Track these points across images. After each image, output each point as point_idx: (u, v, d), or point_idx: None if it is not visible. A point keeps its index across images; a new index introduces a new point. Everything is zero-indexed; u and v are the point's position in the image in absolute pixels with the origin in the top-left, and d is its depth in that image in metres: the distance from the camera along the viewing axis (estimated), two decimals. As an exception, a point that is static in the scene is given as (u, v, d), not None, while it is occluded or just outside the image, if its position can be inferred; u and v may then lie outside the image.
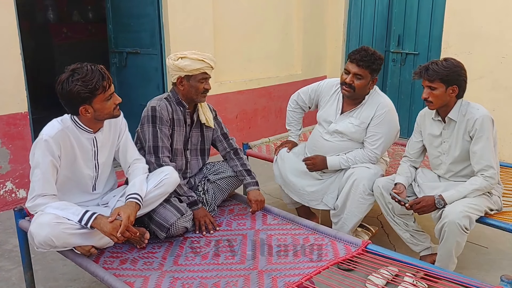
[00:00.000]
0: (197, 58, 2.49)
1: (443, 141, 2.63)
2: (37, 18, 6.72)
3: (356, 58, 2.78)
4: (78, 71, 2.06)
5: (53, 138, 2.11)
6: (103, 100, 2.12)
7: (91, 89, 2.06)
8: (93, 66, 2.10)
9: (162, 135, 2.52)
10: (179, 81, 2.56)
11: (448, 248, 2.45)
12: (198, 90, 2.56)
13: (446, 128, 2.61)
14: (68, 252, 2.18)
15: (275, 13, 5.50)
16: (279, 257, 2.20)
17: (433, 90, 2.48)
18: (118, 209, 2.14)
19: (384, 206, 2.74)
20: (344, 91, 2.88)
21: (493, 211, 2.56)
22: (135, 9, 4.55)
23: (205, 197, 2.68)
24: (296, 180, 3.08)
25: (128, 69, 4.73)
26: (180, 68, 2.50)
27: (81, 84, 2.04)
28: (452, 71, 2.46)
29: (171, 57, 2.55)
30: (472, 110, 2.51)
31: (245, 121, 5.38)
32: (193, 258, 2.22)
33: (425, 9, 5.20)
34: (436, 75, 2.45)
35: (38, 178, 2.11)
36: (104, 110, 2.15)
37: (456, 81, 2.47)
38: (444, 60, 2.50)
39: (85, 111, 2.12)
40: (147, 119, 2.53)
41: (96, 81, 2.06)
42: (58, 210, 2.08)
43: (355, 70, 2.79)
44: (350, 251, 2.20)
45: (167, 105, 2.57)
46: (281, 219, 2.60)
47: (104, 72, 2.11)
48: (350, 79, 2.81)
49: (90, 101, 2.09)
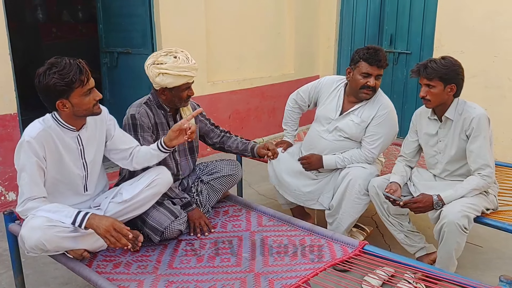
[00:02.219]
0: (180, 74, 2.34)
1: (439, 140, 2.62)
2: (26, 18, 6.63)
3: (375, 59, 2.78)
4: (56, 64, 2.01)
5: (35, 138, 2.05)
6: (81, 95, 2.05)
7: (68, 82, 1.99)
8: (72, 60, 2.03)
9: (145, 142, 2.45)
10: (161, 91, 2.45)
11: (448, 249, 2.44)
12: (182, 98, 2.47)
13: (442, 127, 2.59)
14: (60, 256, 2.13)
15: (267, 13, 5.47)
16: (275, 259, 2.17)
17: (431, 88, 2.47)
18: None
19: (379, 206, 2.73)
20: (365, 94, 2.87)
21: (489, 210, 2.55)
22: (126, 9, 4.50)
23: (199, 198, 2.64)
24: (291, 180, 3.05)
25: (119, 69, 4.67)
26: (161, 84, 2.40)
27: (57, 77, 1.98)
28: (451, 69, 2.44)
29: (150, 68, 2.38)
30: (468, 109, 2.49)
31: (238, 121, 5.34)
32: (188, 261, 2.18)
33: (417, 8, 5.20)
34: (435, 73, 2.43)
35: (26, 182, 2.06)
36: (82, 105, 2.08)
37: (454, 79, 2.46)
38: (442, 58, 2.49)
39: (62, 106, 2.05)
40: (128, 128, 2.46)
41: (73, 75, 1.99)
42: (50, 213, 2.03)
43: (376, 72, 2.81)
44: (347, 252, 2.18)
45: (147, 111, 2.47)
46: (276, 220, 2.57)
47: (82, 66, 2.04)
48: (373, 82, 2.82)
49: (68, 95, 2.03)
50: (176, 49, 2.43)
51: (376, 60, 2.78)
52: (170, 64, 2.35)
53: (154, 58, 2.41)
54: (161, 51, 2.43)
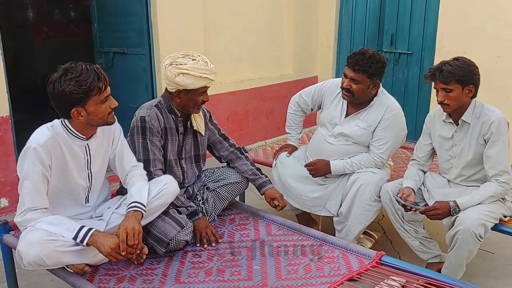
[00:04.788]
0: (200, 75, 2.26)
1: (455, 144, 2.52)
2: (16, 17, 6.45)
3: (351, 62, 2.67)
4: (72, 70, 1.89)
5: (42, 146, 1.92)
6: (97, 103, 1.94)
7: (85, 89, 1.88)
8: (88, 65, 1.92)
9: (153, 147, 2.33)
10: (177, 94, 2.34)
11: (459, 256, 2.35)
12: (197, 103, 2.37)
13: (458, 131, 2.49)
14: (59, 271, 2.00)
15: (265, 13, 5.36)
16: (289, 272, 2.06)
17: (449, 92, 2.36)
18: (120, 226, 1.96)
19: (394, 213, 2.62)
20: (343, 95, 2.77)
21: (506, 218, 2.46)
22: (122, 7, 4.36)
23: (205, 206, 2.52)
24: (297, 185, 2.94)
25: (115, 69, 4.54)
26: (181, 85, 2.30)
27: (74, 84, 1.86)
28: (467, 70, 2.35)
29: (169, 68, 2.29)
30: (487, 112, 2.40)
31: (237, 123, 5.22)
32: (196, 275, 2.06)
33: (419, 7, 5.11)
34: (451, 76, 2.33)
35: (28, 191, 1.92)
36: (98, 114, 1.97)
37: (471, 80, 2.36)
38: (456, 60, 2.39)
39: (77, 114, 1.94)
40: (136, 131, 2.34)
41: (91, 81, 1.88)
42: (51, 225, 1.90)
43: (351, 74, 2.68)
44: (363, 264, 2.08)
45: (158, 114, 2.36)
46: (286, 229, 2.45)
47: (100, 72, 1.93)
48: (347, 84, 2.70)
49: (84, 102, 1.91)
50: (193, 53, 2.34)
51: (351, 63, 2.66)
52: (190, 65, 2.26)
53: (172, 59, 2.31)
54: (178, 53, 2.33)
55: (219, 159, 2.75)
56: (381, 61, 2.69)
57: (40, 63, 6.30)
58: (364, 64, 2.63)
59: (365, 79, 2.67)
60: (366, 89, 2.71)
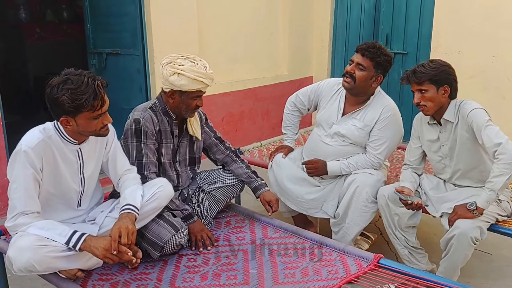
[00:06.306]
0: (196, 78, 2.23)
1: (442, 145, 2.52)
2: (8, 18, 6.38)
3: (362, 48, 2.68)
4: (72, 79, 1.84)
5: (33, 149, 1.87)
6: (89, 118, 1.90)
7: (77, 105, 1.83)
8: (91, 79, 1.85)
9: (147, 150, 2.30)
10: (170, 94, 2.31)
11: (454, 261, 2.34)
12: (190, 106, 2.33)
13: (443, 131, 2.49)
14: (52, 276, 1.95)
15: (260, 13, 5.33)
16: (286, 276, 2.02)
17: (423, 93, 2.38)
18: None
19: (388, 218, 2.59)
20: (344, 82, 2.74)
21: (503, 218, 2.44)
22: (115, 8, 4.30)
23: (200, 209, 2.48)
24: (294, 187, 2.91)
25: (108, 70, 4.47)
26: (175, 85, 2.27)
27: (68, 95, 1.82)
28: (440, 70, 2.36)
29: (165, 67, 2.27)
30: (464, 105, 2.40)
31: (232, 124, 5.19)
32: (192, 279, 2.02)
33: (414, 7, 5.10)
34: (424, 76, 2.35)
35: (19, 195, 1.87)
36: (88, 127, 1.93)
37: (446, 80, 2.37)
38: (430, 62, 2.42)
39: (66, 123, 1.90)
40: (130, 133, 2.30)
41: (86, 98, 1.82)
42: (42, 230, 1.85)
43: (358, 59, 2.68)
44: (361, 267, 2.05)
45: (152, 116, 2.32)
46: (283, 232, 2.42)
47: (99, 91, 1.86)
48: (351, 68, 2.69)
49: (74, 115, 1.87)
50: (195, 57, 2.33)
51: (361, 48, 2.67)
52: (187, 67, 2.23)
53: (171, 59, 2.29)
54: (179, 55, 2.31)
55: (214, 162, 2.72)
56: (388, 55, 2.71)
57: (33, 64, 6.22)
58: (374, 52, 2.65)
59: (371, 68, 2.67)
60: (368, 79, 2.69)
